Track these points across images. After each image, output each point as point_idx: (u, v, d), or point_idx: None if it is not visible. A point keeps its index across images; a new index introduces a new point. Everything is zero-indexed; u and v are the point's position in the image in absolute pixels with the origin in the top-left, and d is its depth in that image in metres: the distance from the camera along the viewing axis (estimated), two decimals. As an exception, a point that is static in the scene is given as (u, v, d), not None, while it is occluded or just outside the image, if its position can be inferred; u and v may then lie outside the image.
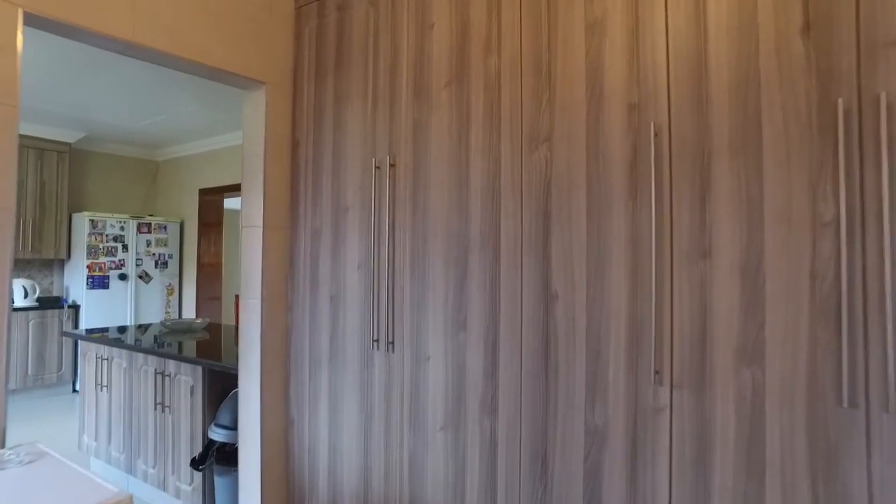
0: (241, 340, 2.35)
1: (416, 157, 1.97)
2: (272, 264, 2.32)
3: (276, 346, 2.33)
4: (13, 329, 5.21)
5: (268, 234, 2.31)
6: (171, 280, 6.29)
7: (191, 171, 6.42)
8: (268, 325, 2.30)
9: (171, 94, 4.53)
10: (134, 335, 3.55)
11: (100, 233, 5.72)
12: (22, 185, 5.49)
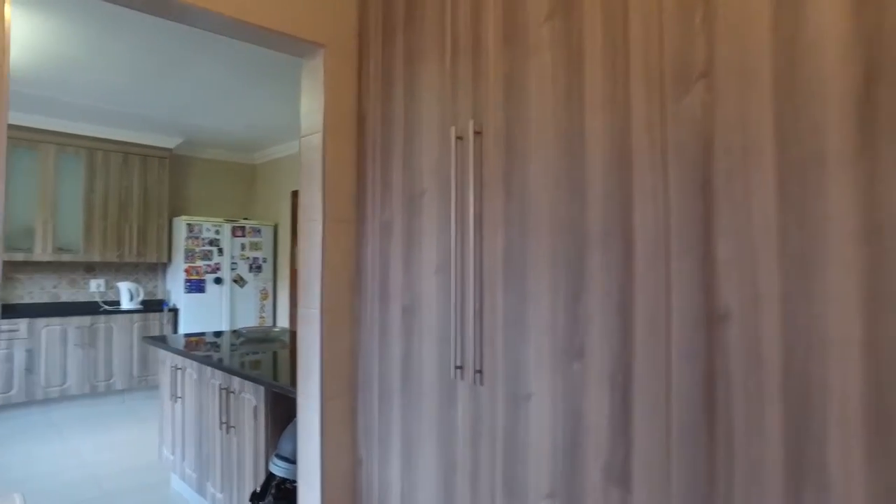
0: (300, 359, 1.95)
1: (509, 122, 1.45)
2: (334, 266, 1.90)
3: (340, 368, 1.91)
4: (120, 331, 5.28)
5: (329, 228, 1.89)
6: (265, 284, 6.19)
7: (285, 173, 6.30)
8: (329, 342, 1.88)
9: (259, 91, 4.33)
10: (229, 341, 3.32)
11: (196, 236, 5.70)
12: (128, 191, 5.58)
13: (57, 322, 4.97)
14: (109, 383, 5.22)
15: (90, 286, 5.66)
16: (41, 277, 5.40)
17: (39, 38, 3.40)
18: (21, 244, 5.07)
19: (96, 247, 5.39)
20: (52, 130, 5.17)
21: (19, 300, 5.29)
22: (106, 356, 5.21)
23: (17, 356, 4.78)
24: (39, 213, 5.12)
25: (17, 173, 5.05)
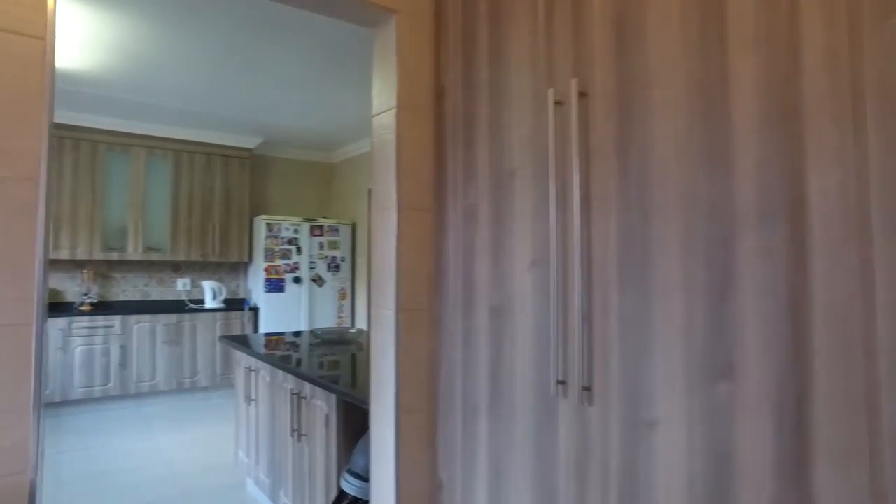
0: (373, 366, 1.73)
1: (623, 77, 1.16)
2: (411, 261, 1.67)
3: (417, 378, 1.67)
4: (204, 329, 5.35)
5: (405, 218, 1.66)
6: (343, 284, 6.12)
7: (362, 171, 6.21)
8: (406, 348, 1.65)
9: (335, 84, 4.22)
10: (308, 341, 3.21)
11: (275, 236, 5.71)
12: (211, 192, 5.67)
13: (147, 319, 5.10)
14: (194, 380, 5.30)
15: (177, 285, 5.80)
16: (134, 276, 5.58)
17: (122, 40, 3.43)
18: (115, 244, 5.24)
19: (182, 246, 5.51)
20: (142, 134, 5.32)
21: (115, 297, 5.48)
22: (191, 353, 5.30)
23: (113, 351, 4.93)
24: (131, 214, 5.28)
25: (113, 176, 5.22)
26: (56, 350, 4.72)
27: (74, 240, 5.03)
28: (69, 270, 5.28)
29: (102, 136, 5.16)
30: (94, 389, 4.86)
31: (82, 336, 4.83)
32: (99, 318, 4.90)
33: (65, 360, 4.75)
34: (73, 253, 5.03)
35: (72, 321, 4.79)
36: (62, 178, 4.99)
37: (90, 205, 5.10)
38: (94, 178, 5.12)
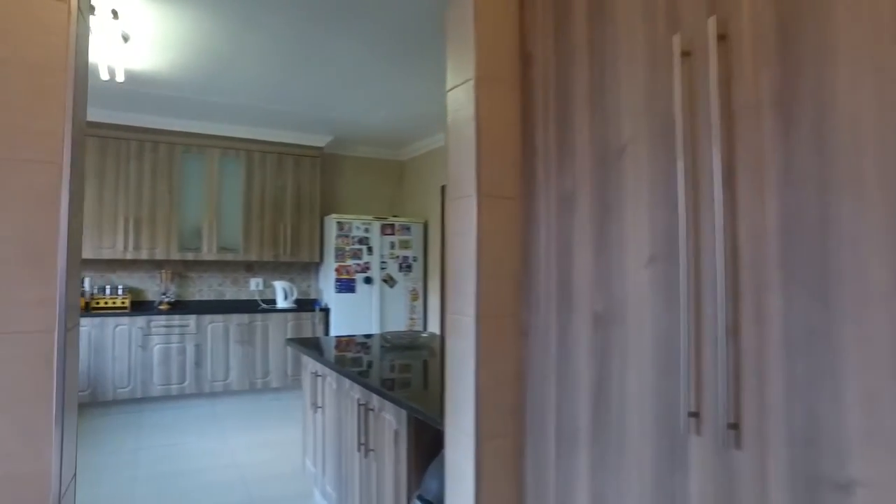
0: (449, 380, 1.49)
1: (783, 8, 0.86)
2: (494, 258, 1.42)
3: (501, 397, 1.41)
4: (275, 329, 5.32)
5: (486, 207, 1.41)
6: (414, 285, 5.95)
7: (433, 167, 6.02)
8: (488, 361, 1.39)
9: (402, 74, 4.04)
10: (379, 345, 3.04)
11: (346, 235, 5.61)
12: (282, 191, 5.65)
13: (220, 319, 5.12)
14: (266, 381, 5.27)
15: (250, 285, 5.81)
16: (209, 276, 5.64)
17: (191, 36, 3.37)
18: (191, 244, 5.30)
19: (254, 246, 5.51)
20: (216, 135, 5.35)
21: (191, 297, 5.55)
22: (263, 354, 5.28)
23: (188, 350, 4.97)
24: (206, 215, 5.32)
25: (189, 177, 5.28)
26: (136, 348, 4.80)
27: (153, 240, 5.11)
28: (149, 270, 5.39)
29: (179, 138, 5.22)
30: (171, 387, 4.91)
31: (160, 334, 4.90)
32: (175, 317, 4.96)
33: (144, 357, 4.83)
34: (152, 253, 5.11)
35: (150, 320, 4.86)
36: (142, 181, 5.08)
37: (167, 206, 5.17)
38: (171, 180, 5.19)
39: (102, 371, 4.70)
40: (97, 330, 4.69)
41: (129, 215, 5.02)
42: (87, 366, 4.65)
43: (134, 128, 5.05)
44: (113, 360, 4.73)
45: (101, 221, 4.93)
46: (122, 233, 4.99)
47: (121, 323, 4.77)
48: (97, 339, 4.69)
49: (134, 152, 5.07)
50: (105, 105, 4.77)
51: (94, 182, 4.92)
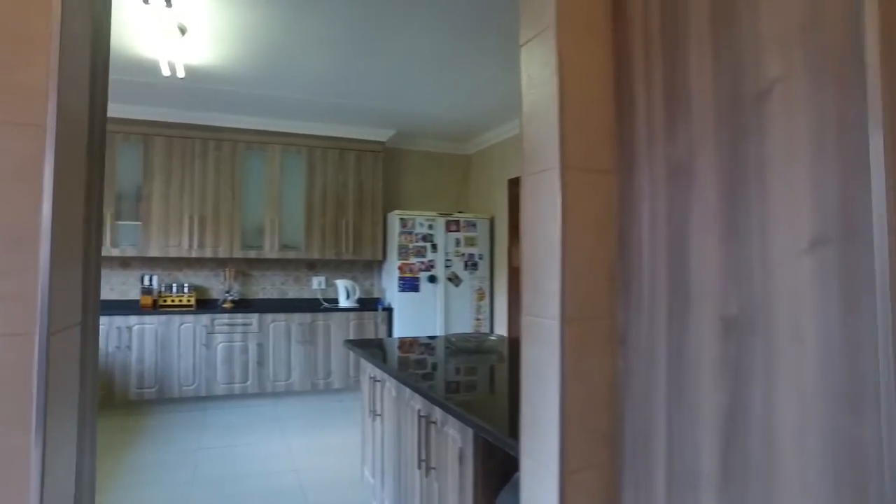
0: (525, 397, 1.21)
1: None
2: (583, 245, 1.12)
3: (592, 420, 1.12)
4: (337, 329, 5.19)
5: (573, 182, 1.12)
6: (481, 283, 5.68)
7: (500, 160, 5.73)
8: (576, 375, 1.10)
9: (468, 58, 3.77)
10: (443, 348, 2.81)
11: (409, 232, 5.41)
12: (344, 187, 5.52)
13: (282, 318, 5.03)
14: (328, 381, 5.15)
15: (312, 283, 5.72)
16: (271, 274, 5.58)
17: (250, 28, 3.24)
18: (253, 242, 5.25)
19: (316, 244, 5.40)
20: (277, 131, 5.28)
21: (254, 296, 5.51)
22: (325, 354, 5.15)
23: (251, 349, 4.91)
24: (268, 212, 5.26)
25: (251, 175, 5.23)
26: (200, 346, 4.78)
27: (217, 238, 5.09)
28: (213, 268, 5.38)
29: (241, 136, 5.18)
30: (234, 386, 4.86)
31: (223, 333, 4.86)
32: (238, 315, 4.90)
33: (208, 356, 4.80)
34: (216, 251, 5.09)
35: (214, 318, 4.83)
36: (206, 179, 5.07)
37: (230, 204, 5.13)
38: (233, 178, 5.16)
39: (169, 368, 4.69)
40: (163, 327, 4.69)
41: (193, 213, 5.02)
42: (154, 362, 4.66)
43: (198, 126, 5.04)
44: (178, 357, 4.73)
45: (167, 220, 4.95)
46: (186, 231, 4.99)
47: (185, 321, 4.75)
48: (163, 336, 4.69)
49: (199, 151, 5.06)
50: (170, 104, 4.78)
51: (161, 181, 4.94)
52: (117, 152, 4.86)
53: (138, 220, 4.91)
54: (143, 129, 4.90)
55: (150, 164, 4.92)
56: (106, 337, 4.55)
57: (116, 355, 4.57)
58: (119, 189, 4.87)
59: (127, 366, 4.59)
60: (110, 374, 4.55)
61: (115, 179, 4.84)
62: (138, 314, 4.65)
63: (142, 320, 4.65)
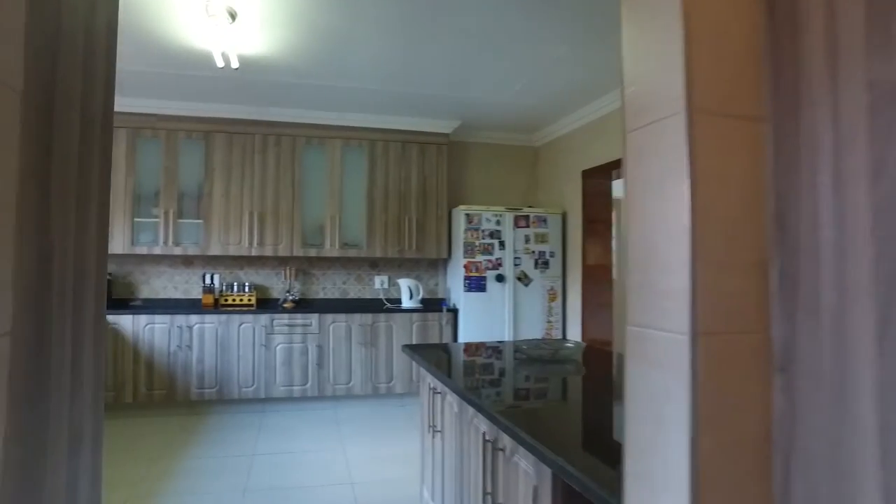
0: (630, 442, 0.85)
1: None
2: (721, 228, 0.76)
3: (739, 480, 0.75)
4: (400, 330, 4.94)
5: (704, 131, 0.76)
6: (552, 283, 5.27)
7: (571, 151, 5.30)
8: (715, 414, 0.74)
9: (536, 35, 3.41)
10: (511, 356, 2.49)
11: (475, 228, 5.08)
12: (406, 182, 5.26)
13: (342, 319, 4.82)
14: (390, 386, 4.90)
15: (375, 283, 5.50)
16: (333, 273, 5.40)
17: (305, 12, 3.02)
18: (314, 240, 5.08)
19: (378, 242, 5.17)
20: (337, 125, 5.09)
21: (315, 295, 5.35)
22: (387, 357, 4.91)
23: (311, 350, 4.74)
24: (328, 209, 5.07)
25: (310, 170, 5.07)
26: (260, 346, 4.64)
27: (277, 236, 4.95)
28: (274, 267, 5.26)
29: (300, 130, 5.02)
30: (293, 389, 4.70)
31: (283, 334, 4.70)
32: (297, 316, 4.74)
33: (267, 357, 4.66)
34: (276, 250, 4.95)
35: (273, 318, 4.69)
36: (266, 175, 4.94)
37: (290, 200, 4.99)
38: (293, 174, 5.01)
39: (229, 369, 4.59)
40: (223, 327, 4.59)
41: (253, 211, 4.90)
42: (215, 363, 4.56)
43: (258, 122, 4.92)
44: (238, 358, 4.61)
45: (227, 217, 4.85)
46: (246, 229, 4.88)
47: (245, 321, 4.63)
48: (223, 336, 4.59)
49: (258, 146, 4.94)
50: (230, 100, 4.67)
51: (222, 178, 4.85)
52: (179, 150, 4.81)
53: (199, 219, 4.84)
54: (205, 126, 4.83)
55: (211, 161, 4.84)
56: (168, 335, 4.49)
57: (178, 355, 4.50)
58: (181, 187, 4.81)
59: (188, 365, 4.52)
60: (172, 373, 4.49)
61: (178, 177, 4.79)
62: (199, 313, 4.57)
63: (202, 319, 4.56)
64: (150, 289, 5.03)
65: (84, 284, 0.86)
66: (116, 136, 4.69)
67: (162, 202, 4.76)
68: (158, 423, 4.36)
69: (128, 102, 4.65)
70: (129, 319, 4.44)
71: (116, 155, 4.69)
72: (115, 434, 4.06)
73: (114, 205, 4.67)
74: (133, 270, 5.01)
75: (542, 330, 5.22)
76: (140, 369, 4.45)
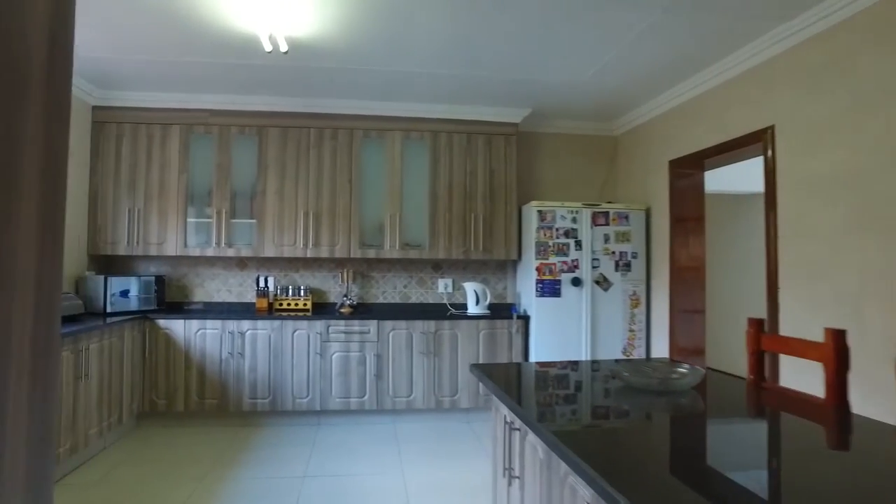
0: None
1: None
2: None
3: None
4: (465, 339, 4.49)
5: None
6: (635, 287, 4.68)
7: (657, 139, 4.70)
8: None
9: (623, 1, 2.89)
10: (601, 378, 2.00)
11: (549, 226, 4.56)
12: (472, 177, 4.82)
13: (403, 326, 4.43)
14: (454, 400, 4.46)
15: (438, 286, 5.08)
16: (393, 276, 5.02)
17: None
18: (373, 240, 4.72)
19: (441, 242, 4.74)
20: (397, 116, 4.71)
21: (374, 300, 4.99)
22: (451, 368, 4.47)
23: (369, 360, 4.37)
24: (388, 207, 4.70)
25: (369, 165, 4.72)
26: (314, 355, 4.31)
27: (333, 237, 4.62)
28: (331, 270, 4.94)
29: (358, 122, 4.68)
30: (350, 401, 4.34)
31: (339, 341, 4.35)
32: (354, 322, 4.38)
33: (323, 366, 4.32)
34: (332, 251, 4.62)
35: (329, 324, 4.34)
36: (321, 171, 4.62)
37: (347, 197, 4.64)
38: (351, 169, 4.66)
39: (282, 378, 4.28)
40: (276, 334, 4.29)
41: (308, 210, 4.59)
42: (268, 371, 4.27)
43: (312, 114, 4.61)
44: (293, 367, 4.30)
45: (282, 217, 4.57)
46: (301, 228, 4.58)
47: (299, 327, 4.31)
48: (276, 343, 4.29)
49: (313, 141, 4.63)
50: (282, 92, 4.38)
51: (276, 175, 4.57)
52: (232, 147, 4.56)
53: (252, 218, 4.57)
54: (258, 120, 4.57)
55: (265, 157, 4.57)
56: (220, 342, 4.23)
57: (230, 362, 4.23)
58: (233, 185, 4.56)
59: (240, 373, 4.24)
60: (224, 381, 4.23)
61: (230, 175, 4.54)
62: (251, 319, 4.29)
63: (254, 325, 4.27)
64: (204, 292, 4.81)
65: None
66: (170, 132, 4.49)
67: (215, 201, 4.52)
68: (210, 433, 4.10)
69: (180, 98, 4.45)
70: (180, 324, 4.21)
71: (170, 153, 4.49)
72: (165, 444, 3.83)
73: (166, 204, 4.47)
74: (187, 273, 4.81)
75: (623, 339, 4.64)
76: (192, 376, 4.21)
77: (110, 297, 4.14)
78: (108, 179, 4.46)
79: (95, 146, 4.47)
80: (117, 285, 4.21)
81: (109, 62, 3.82)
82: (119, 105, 4.46)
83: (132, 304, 4.29)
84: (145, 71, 3.98)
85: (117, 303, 4.19)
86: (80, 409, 3.34)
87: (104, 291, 4.11)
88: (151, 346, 4.19)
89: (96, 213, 4.45)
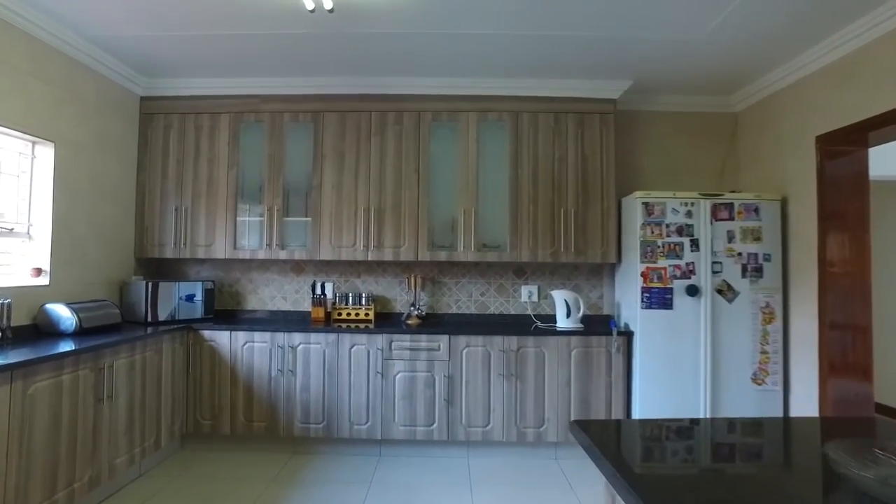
0: None
1: None
2: None
3: None
4: (554, 359, 3.72)
5: None
6: (768, 298, 3.71)
7: (795, 110, 3.72)
8: None
9: None
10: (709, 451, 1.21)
11: (657, 222, 3.71)
12: (561, 164, 4.04)
13: (479, 342, 3.72)
14: (540, 432, 3.69)
15: (521, 295, 4.33)
16: (468, 282, 4.33)
17: None
18: (444, 241, 4.06)
19: (525, 242, 4.00)
20: (471, 95, 4.02)
21: (446, 309, 4.32)
22: (536, 393, 3.71)
23: (438, 382, 3.70)
24: (461, 202, 4.01)
25: (439, 153, 4.06)
26: (375, 374, 3.69)
27: (399, 237, 3.99)
28: (397, 275, 4.32)
29: (425, 103, 4.04)
30: (416, 430, 3.68)
31: (404, 359, 3.71)
32: (422, 337, 3.72)
33: (385, 388, 3.69)
34: (397, 253, 3.99)
35: (392, 339, 3.71)
36: (384, 161, 4.02)
37: (415, 191, 4.01)
38: (418, 158, 4.02)
39: (338, 401, 3.70)
40: (331, 349, 3.71)
41: (369, 206, 3.99)
42: (322, 392, 3.70)
43: (373, 96, 4.03)
44: (350, 388, 3.70)
45: (340, 214, 4.00)
46: (362, 228, 3.99)
47: (357, 342, 3.71)
48: (331, 360, 3.71)
49: (375, 127, 4.04)
50: (338, 71, 3.83)
51: (333, 167, 4.01)
52: (286, 136, 4.05)
53: (307, 216, 4.04)
54: (312, 104, 4.04)
55: (320, 146, 4.03)
56: (269, 357, 3.71)
57: (279, 380, 3.70)
58: (287, 180, 4.05)
59: (290, 393, 3.70)
60: (273, 402, 3.70)
61: (284, 168, 4.04)
62: (302, 332, 3.73)
63: (307, 339, 3.72)
64: (257, 299, 4.34)
65: None
66: (219, 123, 4.05)
67: (266, 198, 4.03)
68: (257, 461, 3.58)
69: (228, 83, 4.00)
70: (225, 336, 3.73)
71: (219, 145, 4.04)
72: (208, 472, 3.34)
73: (215, 202, 4.02)
74: (240, 278, 4.35)
75: (753, 363, 3.68)
76: (238, 395, 3.71)
77: (154, 304, 3.73)
78: (155, 175, 4.09)
79: (144, 140, 4.11)
80: (161, 292, 3.79)
81: (148, 42, 3.40)
82: (167, 95, 4.08)
83: (178, 313, 3.87)
84: (188, 53, 3.55)
85: (162, 311, 3.78)
86: (101, 436, 2.89)
87: (146, 298, 3.71)
88: (195, 359, 3.74)
89: (143, 213, 4.08)
